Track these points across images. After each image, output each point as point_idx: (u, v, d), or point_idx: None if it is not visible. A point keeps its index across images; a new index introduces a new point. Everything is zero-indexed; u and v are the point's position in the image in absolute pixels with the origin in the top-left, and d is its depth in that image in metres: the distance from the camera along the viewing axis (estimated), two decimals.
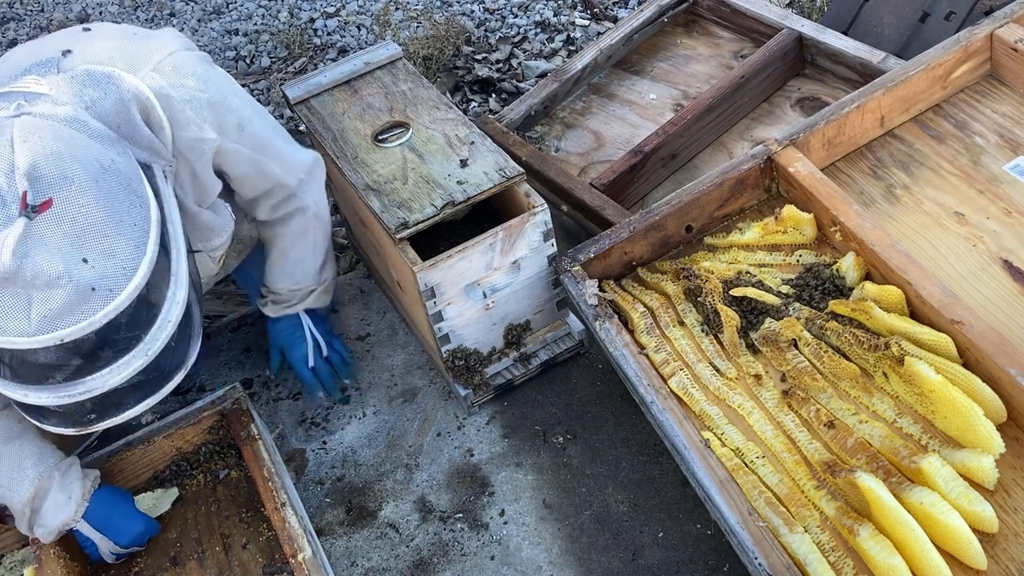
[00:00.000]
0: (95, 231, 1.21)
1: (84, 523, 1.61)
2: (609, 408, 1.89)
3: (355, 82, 2.11)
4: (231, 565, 1.68)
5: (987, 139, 1.85)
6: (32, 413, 1.33)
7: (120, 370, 1.26)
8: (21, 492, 1.55)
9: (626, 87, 2.53)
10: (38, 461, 1.57)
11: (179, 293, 1.33)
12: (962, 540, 1.27)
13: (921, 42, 2.35)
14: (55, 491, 1.57)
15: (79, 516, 1.60)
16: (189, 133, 1.51)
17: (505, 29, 3.17)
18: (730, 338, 1.63)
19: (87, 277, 1.19)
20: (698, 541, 1.66)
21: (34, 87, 1.34)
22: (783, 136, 1.83)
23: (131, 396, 1.33)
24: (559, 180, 2.16)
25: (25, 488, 1.55)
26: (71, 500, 1.58)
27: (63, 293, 1.17)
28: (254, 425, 1.75)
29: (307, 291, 1.94)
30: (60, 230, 1.18)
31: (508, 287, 1.85)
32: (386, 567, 1.72)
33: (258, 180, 1.72)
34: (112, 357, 1.25)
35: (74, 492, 1.59)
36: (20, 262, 1.14)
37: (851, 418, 1.47)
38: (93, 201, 1.21)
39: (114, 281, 1.21)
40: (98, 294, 1.20)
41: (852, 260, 1.65)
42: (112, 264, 1.21)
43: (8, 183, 1.17)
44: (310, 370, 1.97)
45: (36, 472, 1.56)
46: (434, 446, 1.90)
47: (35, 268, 1.15)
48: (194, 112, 1.51)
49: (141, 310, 1.26)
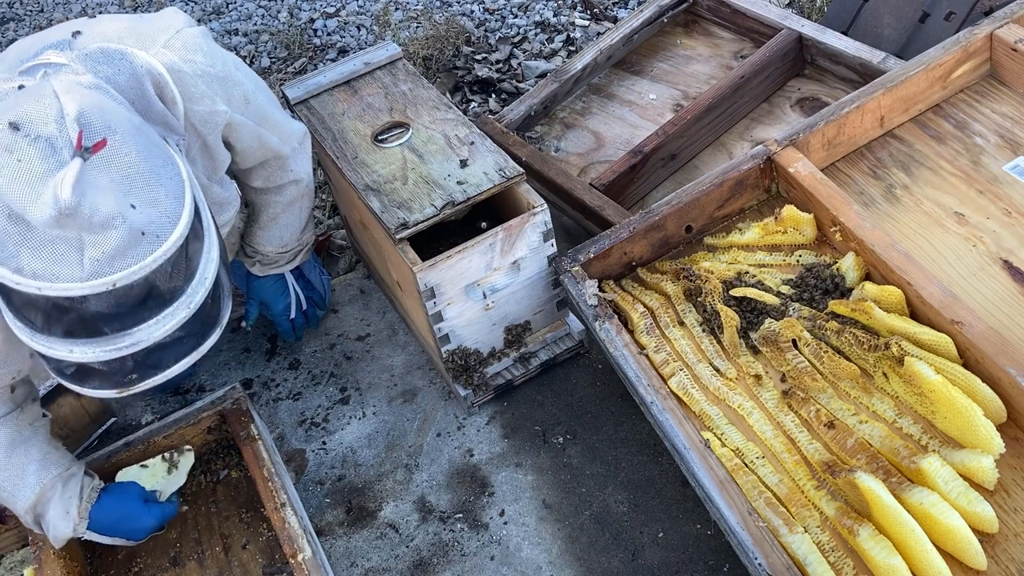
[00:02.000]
0: (140, 180, 1.23)
1: (92, 533, 1.61)
2: (609, 408, 1.89)
3: (355, 82, 2.11)
4: (231, 565, 1.68)
5: (987, 139, 1.85)
6: (73, 378, 1.33)
7: (165, 322, 1.27)
8: (23, 499, 1.55)
9: (626, 87, 2.53)
10: (40, 468, 1.57)
11: (212, 251, 1.35)
12: (962, 540, 1.27)
13: (921, 42, 2.35)
14: (56, 502, 1.57)
15: (81, 531, 1.60)
16: (202, 107, 1.54)
17: (505, 29, 3.17)
18: (730, 338, 1.63)
19: (137, 221, 1.21)
20: (698, 541, 1.66)
21: (55, 59, 1.36)
22: (783, 136, 1.83)
23: (170, 355, 1.33)
24: (559, 180, 2.16)
25: (27, 496, 1.55)
26: (68, 516, 1.58)
27: (116, 235, 1.18)
28: (254, 425, 1.75)
29: (293, 252, 1.99)
30: (109, 176, 1.20)
31: (508, 287, 1.85)
32: (386, 567, 1.72)
33: (259, 151, 1.75)
34: (157, 308, 1.26)
35: (71, 508, 1.58)
36: (79, 199, 1.15)
37: (851, 418, 1.47)
38: (135, 152, 1.23)
39: (160, 227, 1.23)
40: (147, 239, 1.21)
41: (852, 260, 1.65)
42: (157, 212, 1.23)
43: (59, 129, 1.18)
44: (290, 322, 2.06)
45: (37, 480, 1.56)
46: (434, 446, 1.90)
47: (92, 206, 1.17)
48: (206, 86, 1.54)
49: (182, 261, 1.28)
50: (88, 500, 1.60)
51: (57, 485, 1.57)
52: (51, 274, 1.18)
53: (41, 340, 1.26)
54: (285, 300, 2.04)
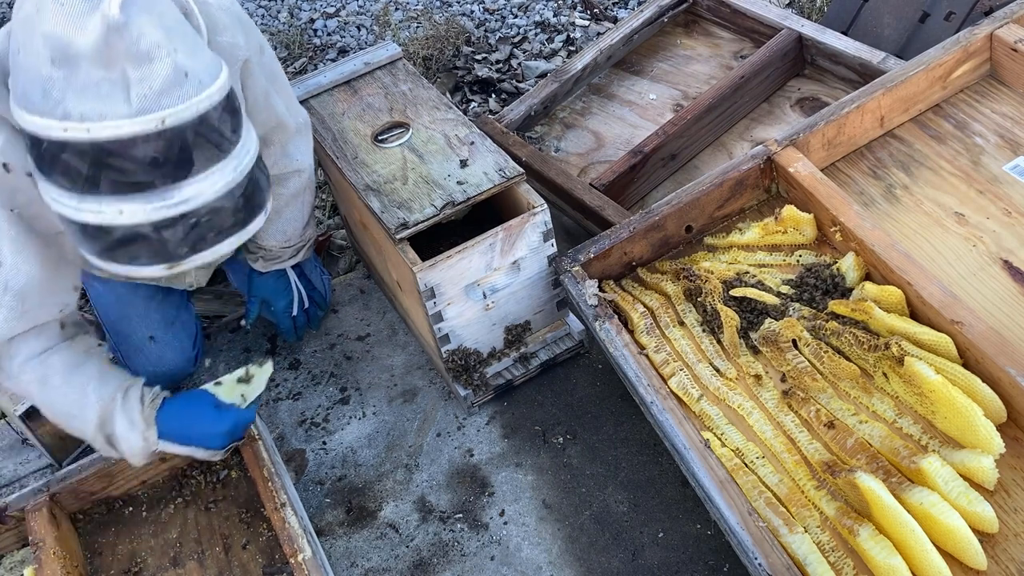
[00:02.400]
0: (179, 31, 1.24)
1: (165, 443, 1.59)
2: (609, 408, 1.89)
3: (355, 82, 2.11)
4: (231, 565, 1.68)
5: (987, 139, 1.85)
6: (121, 256, 1.30)
7: (214, 180, 1.26)
8: (90, 420, 1.55)
9: (626, 87, 2.53)
10: (99, 385, 1.55)
11: (251, 130, 1.35)
12: (962, 540, 1.27)
13: (921, 42, 2.35)
14: (119, 414, 1.55)
15: (152, 440, 1.57)
16: (226, 37, 1.54)
17: (505, 29, 3.17)
18: (730, 338, 1.63)
19: (181, 61, 1.21)
20: (698, 541, 1.66)
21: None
22: (783, 136, 1.83)
23: (219, 230, 1.31)
24: (559, 180, 2.16)
25: (91, 416, 1.54)
26: (134, 425, 1.56)
27: (161, 68, 1.19)
28: (254, 425, 1.75)
29: (296, 248, 1.98)
30: (150, 18, 1.20)
31: (508, 287, 1.85)
32: (386, 567, 1.72)
33: (265, 113, 1.74)
34: (205, 163, 1.25)
35: (135, 416, 1.56)
36: (127, 18, 1.16)
37: (851, 418, 1.47)
38: (174, 10, 1.26)
39: (203, 75, 1.24)
40: (190, 81, 1.22)
41: (852, 260, 1.65)
42: (198, 61, 1.24)
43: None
44: (291, 319, 2.04)
45: (97, 396, 1.54)
46: (434, 446, 1.90)
47: (139, 29, 1.17)
48: (230, 19, 1.55)
49: (227, 116, 1.28)
50: (151, 406, 1.58)
51: (118, 397, 1.56)
52: (98, 114, 1.18)
53: (90, 203, 1.23)
54: (287, 297, 2.04)
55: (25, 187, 1.37)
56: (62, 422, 1.59)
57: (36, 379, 1.53)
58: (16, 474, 1.99)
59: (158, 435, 1.59)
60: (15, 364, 1.52)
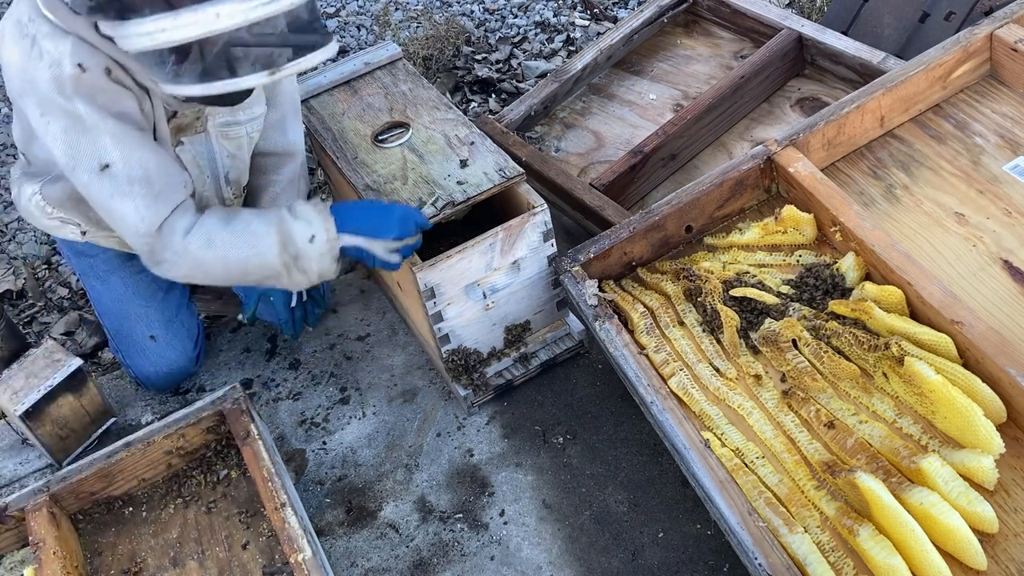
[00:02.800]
0: None
1: (345, 236, 1.62)
2: (609, 408, 1.89)
3: (355, 82, 2.11)
4: (231, 565, 1.68)
5: (987, 139, 1.85)
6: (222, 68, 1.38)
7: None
8: (269, 248, 1.60)
9: (626, 87, 2.53)
10: (260, 219, 1.61)
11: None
12: (962, 540, 1.27)
13: (921, 42, 2.35)
14: (295, 226, 1.60)
15: (331, 232, 1.61)
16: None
17: (505, 29, 3.17)
18: (730, 338, 1.63)
19: None
20: (698, 541, 1.66)
21: None
22: (783, 136, 1.83)
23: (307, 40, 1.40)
24: (559, 180, 2.16)
25: (271, 245, 1.59)
26: (312, 225, 1.60)
27: None
28: (254, 425, 1.75)
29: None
30: None
31: (508, 287, 1.85)
32: (386, 567, 1.72)
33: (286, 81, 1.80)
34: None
35: (311, 218, 1.61)
36: None
37: (851, 418, 1.47)
38: None
39: None
40: None
41: (852, 260, 1.65)
42: None
43: None
44: (290, 311, 2.00)
45: (266, 228, 1.59)
46: (434, 446, 1.90)
47: None
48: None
49: None
50: (322, 205, 1.63)
51: (284, 215, 1.61)
52: None
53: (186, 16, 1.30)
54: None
55: (103, 86, 1.48)
56: (241, 270, 1.62)
57: (203, 243, 1.59)
58: (16, 474, 2.00)
59: (336, 228, 1.62)
60: (178, 240, 1.59)
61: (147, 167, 1.55)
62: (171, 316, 2.03)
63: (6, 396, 1.88)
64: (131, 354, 2.02)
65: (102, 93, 1.50)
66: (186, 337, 2.04)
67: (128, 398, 2.11)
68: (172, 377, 2.04)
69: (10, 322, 1.93)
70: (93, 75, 1.48)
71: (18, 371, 1.91)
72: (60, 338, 2.33)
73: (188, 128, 1.70)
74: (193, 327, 2.07)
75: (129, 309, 2.01)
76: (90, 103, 1.49)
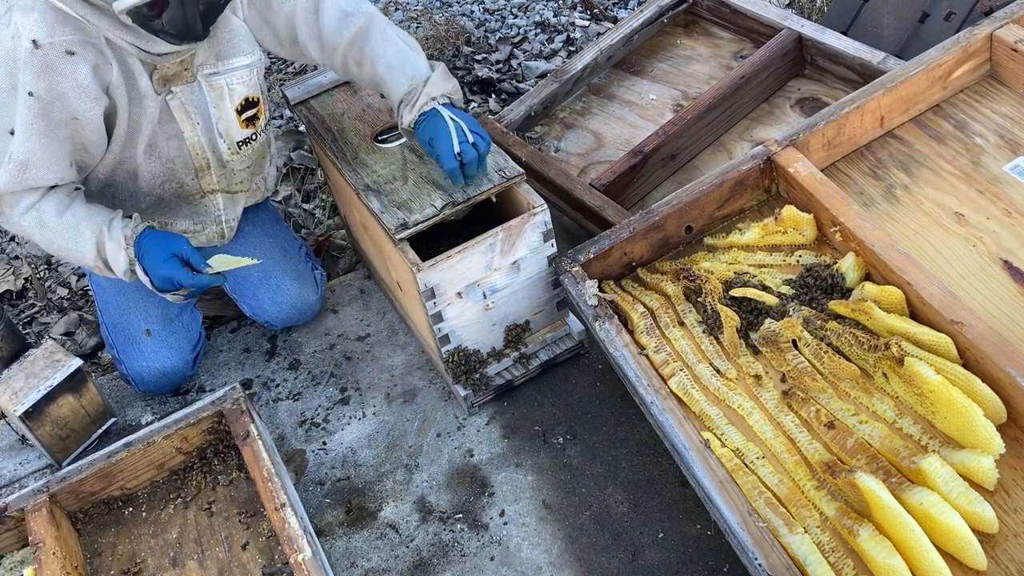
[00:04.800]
0: None
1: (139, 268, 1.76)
2: (609, 408, 1.89)
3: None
4: (231, 565, 1.68)
5: (987, 139, 1.85)
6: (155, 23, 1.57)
7: None
8: (87, 251, 1.77)
9: (626, 87, 2.53)
10: (88, 221, 1.76)
11: None
12: (962, 540, 1.27)
13: (921, 42, 2.35)
14: (109, 239, 1.76)
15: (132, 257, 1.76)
16: None
17: (505, 30, 3.18)
18: (730, 338, 1.63)
19: None
20: (698, 541, 1.66)
21: None
22: (783, 136, 1.83)
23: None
24: (559, 180, 2.16)
25: (88, 247, 1.76)
26: (120, 246, 1.76)
27: None
28: (254, 425, 1.75)
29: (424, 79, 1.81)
30: None
31: (508, 287, 1.85)
32: (386, 568, 1.72)
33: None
34: None
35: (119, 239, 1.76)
36: None
37: (851, 418, 1.47)
38: None
39: None
40: None
41: (852, 260, 1.65)
42: None
43: None
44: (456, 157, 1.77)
45: (89, 230, 1.76)
46: (434, 446, 1.90)
47: None
48: None
49: None
50: (133, 231, 1.77)
51: (104, 229, 1.76)
52: None
53: None
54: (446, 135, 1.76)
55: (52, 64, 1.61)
56: (61, 253, 1.81)
57: (35, 223, 1.76)
58: (16, 474, 2.00)
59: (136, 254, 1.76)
60: (15, 213, 1.76)
61: (32, 157, 1.68)
62: (172, 315, 2.03)
63: (6, 396, 1.88)
64: (127, 349, 2.02)
65: (47, 73, 1.62)
66: (184, 339, 2.04)
67: (128, 398, 2.11)
68: (165, 377, 2.03)
69: (10, 322, 1.93)
70: (44, 53, 1.61)
71: (18, 371, 1.92)
72: (60, 338, 2.33)
73: (177, 78, 1.78)
74: (194, 332, 2.07)
75: (130, 302, 2.01)
76: (25, 87, 1.62)
